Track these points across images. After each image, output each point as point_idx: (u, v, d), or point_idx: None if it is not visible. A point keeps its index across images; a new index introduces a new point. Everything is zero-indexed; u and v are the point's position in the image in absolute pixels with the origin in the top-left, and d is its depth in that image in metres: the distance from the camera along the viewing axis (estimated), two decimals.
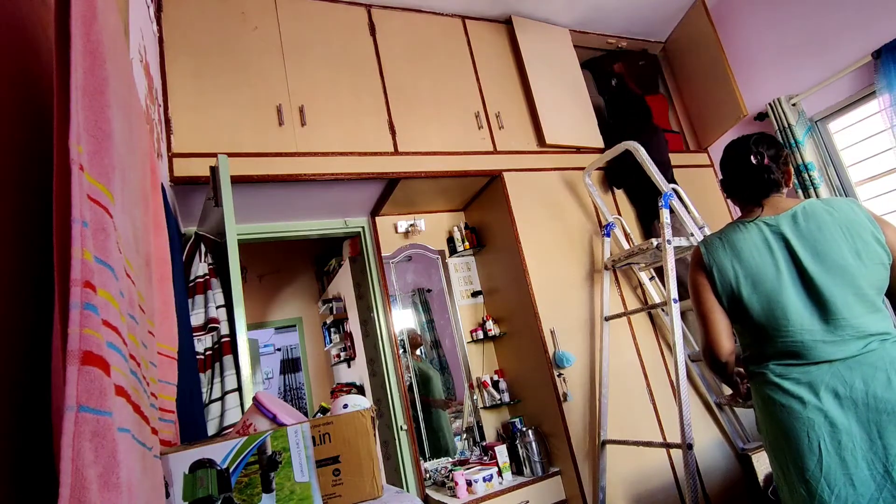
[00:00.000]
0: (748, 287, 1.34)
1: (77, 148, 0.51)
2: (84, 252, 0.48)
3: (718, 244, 1.42)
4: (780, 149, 1.43)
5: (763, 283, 1.32)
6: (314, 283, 5.23)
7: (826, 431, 1.22)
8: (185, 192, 2.16)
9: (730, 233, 1.42)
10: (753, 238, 1.36)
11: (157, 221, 1.07)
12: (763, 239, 1.35)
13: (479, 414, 2.94)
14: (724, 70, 3.32)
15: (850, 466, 1.18)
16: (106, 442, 0.46)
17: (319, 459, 0.93)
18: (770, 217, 1.37)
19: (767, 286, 1.32)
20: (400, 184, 2.66)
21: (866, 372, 1.20)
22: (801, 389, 1.26)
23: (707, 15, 3.38)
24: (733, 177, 1.47)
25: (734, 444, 2.79)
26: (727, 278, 1.37)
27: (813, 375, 1.26)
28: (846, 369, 1.23)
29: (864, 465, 1.17)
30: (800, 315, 1.28)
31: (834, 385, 1.23)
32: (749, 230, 1.38)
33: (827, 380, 1.24)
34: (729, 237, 1.41)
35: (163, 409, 0.98)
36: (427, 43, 2.89)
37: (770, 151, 1.41)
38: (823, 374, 1.24)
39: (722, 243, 1.41)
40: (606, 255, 2.85)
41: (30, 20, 0.71)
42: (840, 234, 1.29)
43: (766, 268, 1.32)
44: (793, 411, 1.26)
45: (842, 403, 1.21)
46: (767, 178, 1.39)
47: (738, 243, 1.38)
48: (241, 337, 1.57)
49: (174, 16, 2.24)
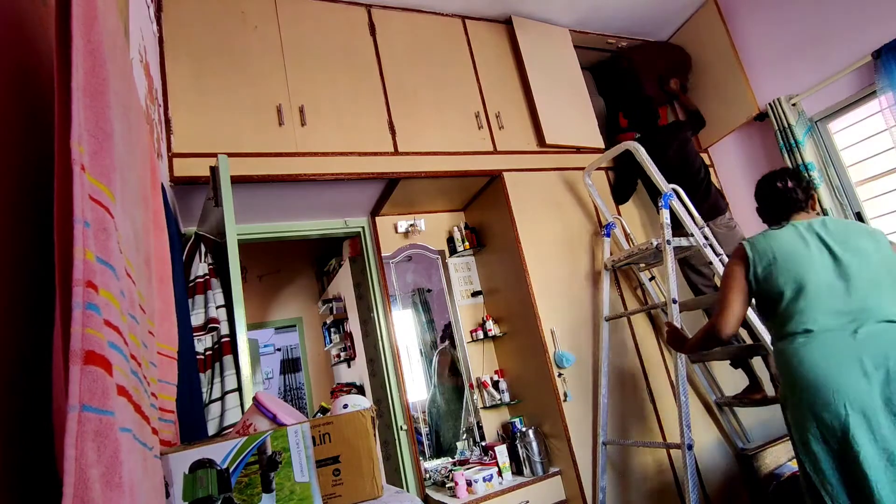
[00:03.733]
0: (783, 269, 1.55)
1: (78, 148, 0.51)
2: (86, 252, 0.48)
3: (760, 238, 1.66)
4: (802, 178, 1.72)
5: (797, 264, 1.54)
6: (314, 283, 5.23)
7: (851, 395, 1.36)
8: (185, 192, 2.16)
9: (770, 231, 1.68)
10: (790, 233, 1.62)
11: (157, 221, 1.07)
12: (798, 234, 1.60)
13: (479, 414, 2.94)
14: (733, 70, 3.33)
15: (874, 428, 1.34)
16: (108, 441, 0.46)
17: (319, 459, 0.93)
18: (800, 221, 1.64)
19: (801, 267, 1.53)
20: (400, 184, 2.66)
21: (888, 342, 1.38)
22: (827, 358, 1.42)
23: (720, 16, 3.38)
24: (765, 201, 1.75)
25: (734, 444, 2.79)
26: (766, 260, 1.59)
27: (838, 345, 1.42)
28: (868, 339, 1.40)
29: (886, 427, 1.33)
30: (829, 289, 1.49)
31: (859, 354, 1.39)
32: (786, 229, 1.64)
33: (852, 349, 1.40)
34: (770, 232, 1.66)
35: (163, 409, 0.98)
36: (427, 43, 2.89)
37: (794, 179, 1.70)
38: (848, 343, 1.41)
39: (763, 236, 1.66)
40: (606, 256, 2.85)
41: (30, 20, 0.71)
42: (864, 234, 1.56)
43: (801, 252, 1.56)
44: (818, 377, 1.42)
45: (865, 370, 1.37)
46: (793, 198, 1.67)
47: (778, 235, 1.63)
48: (241, 337, 1.57)
49: (174, 16, 2.24)
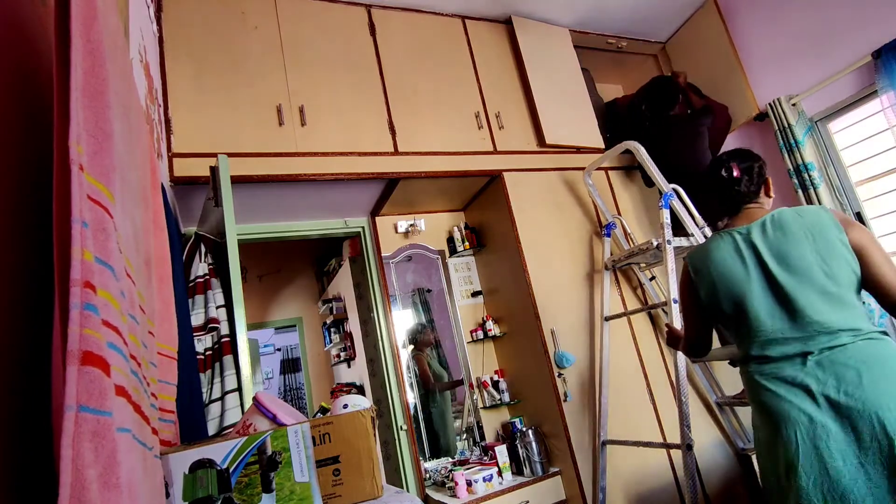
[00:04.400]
0: (724, 293, 1.45)
1: (77, 148, 0.51)
2: (84, 252, 0.48)
3: (701, 255, 1.53)
4: (753, 161, 1.53)
5: (735, 287, 1.43)
6: (314, 283, 5.23)
7: (802, 425, 1.28)
8: (185, 192, 2.16)
9: (710, 244, 1.53)
10: (728, 248, 1.47)
11: (157, 221, 1.07)
12: (735, 248, 1.45)
13: (479, 414, 2.94)
14: (732, 70, 3.32)
15: (825, 458, 1.24)
16: (106, 442, 0.46)
17: (319, 459, 0.93)
18: (743, 227, 1.47)
19: (739, 289, 1.42)
20: (400, 184, 2.66)
21: (838, 370, 1.26)
22: (777, 386, 1.34)
23: (720, 15, 3.38)
24: (713, 192, 1.58)
25: (734, 444, 2.79)
26: (707, 287, 1.49)
27: (786, 372, 1.33)
28: (818, 367, 1.29)
29: (838, 457, 1.23)
30: (769, 316, 1.37)
31: (807, 382, 1.29)
32: (725, 241, 1.48)
33: (801, 377, 1.31)
34: (709, 248, 1.52)
35: (163, 409, 0.98)
36: (427, 43, 2.89)
37: (743, 164, 1.51)
38: (797, 371, 1.32)
39: (703, 255, 1.52)
40: (606, 255, 2.85)
41: (30, 20, 0.71)
42: (804, 239, 1.37)
43: (738, 274, 1.43)
44: (771, 406, 1.35)
45: (816, 399, 1.28)
46: (737, 191, 1.50)
47: (715, 253, 1.49)
48: (241, 337, 1.57)
49: (174, 16, 2.24)
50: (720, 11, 3.39)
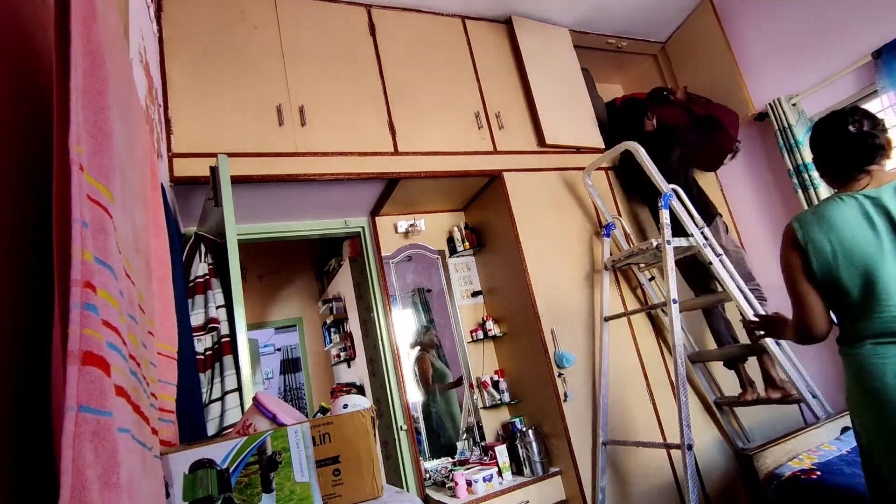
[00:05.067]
0: (846, 263, 1.28)
1: (77, 148, 0.51)
2: (84, 252, 0.48)
3: (813, 220, 1.35)
4: (876, 118, 1.36)
5: (862, 258, 1.27)
6: (314, 283, 5.23)
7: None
8: (185, 192, 2.16)
9: (826, 207, 1.34)
10: (853, 212, 1.30)
11: (157, 221, 1.07)
12: (864, 212, 1.28)
13: (479, 414, 2.94)
14: (730, 71, 3.32)
15: None
16: (106, 442, 0.46)
17: (319, 459, 0.93)
18: (872, 190, 1.30)
19: (867, 261, 1.26)
20: (400, 184, 2.66)
21: None
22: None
23: (715, 15, 3.38)
24: (830, 151, 1.38)
25: (734, 444, 2.79)
26: (824, 256, 1.31)
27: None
28: None
29: None
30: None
31: None
32: (848, 204, 1.31)
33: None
34: (825, 212, 1.33)
35: (163, 409, 0.98)
36: (427, 43, 2.89)
37: (868, 119, 1.34)
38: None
39: (817, 219, 1.34)
40: (606, 256, 2.85)
41: (30, 20, 0.71)
42: None
43: (867, 242, 1.27)
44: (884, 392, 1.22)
45: None
46: (872, 144, 1.31)
47: (835, 217, 1.31)
48: (241, 337, 1.57)
49: (174, 16, 2.24)
50: (716, 11, 3.39)
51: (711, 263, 2.46)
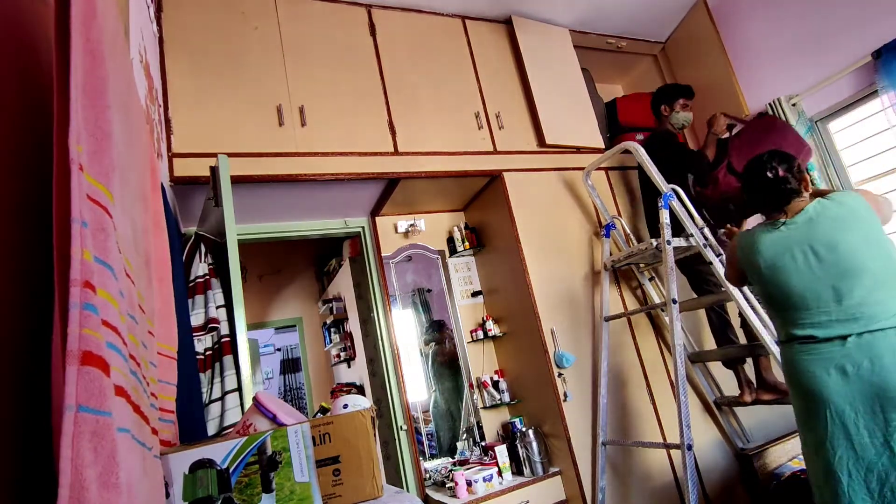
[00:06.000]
0: (771, 280, 1.60)
1: (77, 147, 0.51)
2: (84, 252, 0.48)
3: (748, 244, 1.67)
4: (792, 161, 1.63)
5: (783, 272, 1.57)
6: (314, 283, 5.23)
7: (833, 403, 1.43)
8: (185, 192, 2.16)
9: (758, 234, 1.67)
10: (775, 237, 1.61)
11: (157, 221, 1.07)
12: (784, 236, 1.59)
13: (479, 414, 2.94)
14: (725, 71, 3.32)
15: (852, 434, 1.40)
16: (105, 442, 0.46)
17: (319, 459, 0.93)
18: (790, 219, 1.60)
19: (787, 275, 1.56)
20: (400, 184, 2.66)
21: (874, 353, 1.39)
22: (815, 366, 1.49)
23: (709, 15, 3.38)
24: (755, 193, 1.68)
25: (734, 444, 2.79)
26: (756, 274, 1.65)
27: (825, 353, 1.47)
28: (856, 349, 1.42)
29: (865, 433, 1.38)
30: (816, 299, 1.50)
31: (843, 363, 1.43)
32: (772, 233, 1.63)
33: (837, 358, 1.44)
34: (756, 239, 1.66)
35: (163, 409, 0.98)
36: (427, 43, 2.88)
37: (783, 165, 1.61)
38: (835, 352, 1.45)
39: (750, 244, 1.67)
40: (606, 256, 2.85)
41: (30, 20, 0.70)
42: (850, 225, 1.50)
43: (787, 260, 1.56)
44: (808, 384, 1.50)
45: (849, 380, 1.41)
46: (785, 189, 1.60)
47: (765, 243, 1.63)
48: (241, 337, 1.57)
49: (174, 16, 2.24)
50: (709, 11, 3.39)
51: (712, 263, 2.45)
